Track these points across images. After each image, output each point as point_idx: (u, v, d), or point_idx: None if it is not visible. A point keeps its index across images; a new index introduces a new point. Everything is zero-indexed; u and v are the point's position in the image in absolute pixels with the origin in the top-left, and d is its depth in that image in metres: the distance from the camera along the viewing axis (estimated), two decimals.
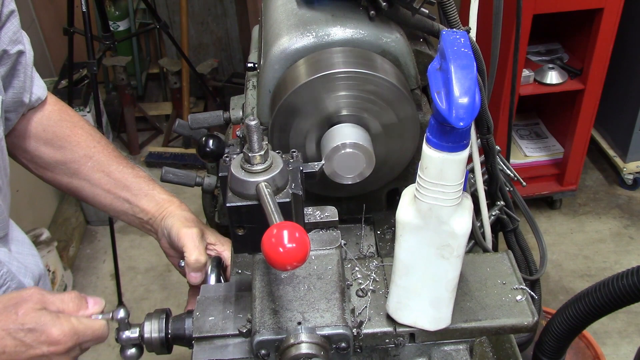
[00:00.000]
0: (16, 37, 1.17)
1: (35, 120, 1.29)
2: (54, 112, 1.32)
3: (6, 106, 1.18)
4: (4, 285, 1.16)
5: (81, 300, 1.02)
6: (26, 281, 1.23)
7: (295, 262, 0.72)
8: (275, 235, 0.72)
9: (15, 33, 1.16)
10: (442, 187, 0.80)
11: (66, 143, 1.30)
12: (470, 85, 0.71)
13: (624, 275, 1.14)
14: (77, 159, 1.30)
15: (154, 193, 1.30)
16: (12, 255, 1.22)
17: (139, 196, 1.30)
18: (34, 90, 1.26)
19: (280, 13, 1.21)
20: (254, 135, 0.85)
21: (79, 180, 1.31)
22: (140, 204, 1.29)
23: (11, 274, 1.18)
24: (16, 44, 1.17)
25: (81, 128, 1.32)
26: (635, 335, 2.91)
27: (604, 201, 3.68)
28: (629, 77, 3.41)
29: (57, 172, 1.31)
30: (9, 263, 1.19)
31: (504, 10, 1.25)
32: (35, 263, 1.29)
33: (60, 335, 0.95)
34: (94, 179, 1.30)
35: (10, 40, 1.15)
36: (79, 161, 1.30)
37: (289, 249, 0.72)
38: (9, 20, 1.15)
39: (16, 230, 1.29)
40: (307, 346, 0.86)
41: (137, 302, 3.24)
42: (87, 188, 1.32)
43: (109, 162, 1.31)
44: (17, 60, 1.19)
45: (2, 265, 1.16)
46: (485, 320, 0.97)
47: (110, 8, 3.95)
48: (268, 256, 0.73)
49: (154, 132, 4.37)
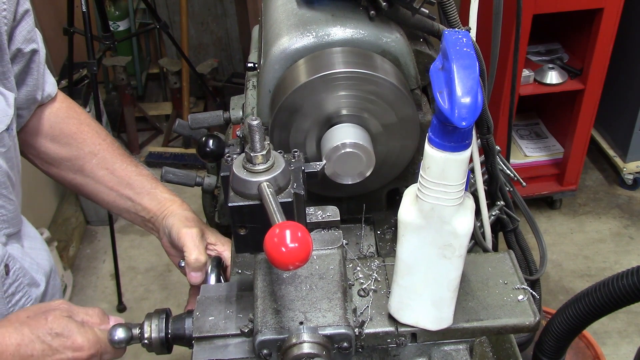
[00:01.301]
0: (30, 36, 1.17)
1: (43, 116, 1.30)
2: (62, 109, 1.33)
3: (19, 103, 1.19)
4: (17, 280, 1.17)
5: (104, 316, 1.08)
6: (38, 277, 1.24)
7: (297, 261, 0.72)
8: (277, 235, 0.72)
9: (30, 32, 1.17)
10: (444, 186, 0.80)
11: (72, 140, 1.31)
12: (472, 85, 0.72)
13: (624, 275, 1.14)
14: (82, 155, 1.31)
15: (156, 192, 1.30)
16: (25, 252, 1.24)
17: (142, 194, 1.30)
18: (46, 87, 1.27)
19: (280, 13, 1.21)
20: (256, 134, 0.85)
21: (83, 177, 1.32)
22: (143, 202, 1.30)
23: (24, 270, 1.20)
24: (30, 42, 1.17)
25: (87, 125, 1.33)
26: (635, 335, 2.91)
27: (604, 201, 3.68)
28: (629, 77, 3.41)
29: (62, 168, 1.33)
30: (21, 259, 1.20)
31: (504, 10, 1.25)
32: (46, 258, 1.32)
33: (85, 342, 1.00)
34: (98, 176, 1.31)
35: (25, 39, 1.15)
36: (83, 158, 1.31)
37: (291, 249, 0.72)
38: (24, 19, 1.15)
39: (28, 226, 1.31)
40: (309, 346, 0.86)
41: (137, 302, 3.24)
42: (90, 185, 1.32)
43: (113, 160, 1.32)
44: (31, 59, 1.20)
45: (15, 262, 1.17)
46: (487, 320, 0.97)
47: (110, 8, 3.95)
48: (270, 256, 0.73)
49: (154, 132, 4.37)
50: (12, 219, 1.19)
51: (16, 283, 1.17)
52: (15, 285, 1.17)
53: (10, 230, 1.20)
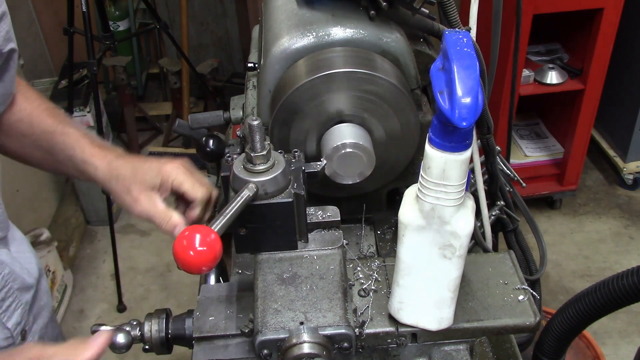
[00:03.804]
0: (9, 36, 1.16)
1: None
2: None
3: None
4: (6, 286, 1.16)
5: (82, 347, 0.96)
6: (29, 281, 1.23)
7: (204, 266, 0.78)
8: (186, 237, 0.78)
9: (8, 32, 1.16)
10: (445, 187, 0.80)
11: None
12: (473, 85, 0.72)
13: (624, 275, 1.14)
14: (10, 124, 1.23)
15: (75, 153, 1.19)
16: (13, 256, 1.22)
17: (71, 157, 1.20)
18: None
19: (281, 13, 1.21)
20: (256, 135, 0.85)
21: (17, 146, 1.25)
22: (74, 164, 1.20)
23: (14, 275, 1.18)
24: (9, 42, 1.17)
25: (18, 92, 1.25)
26: (635, 335, 2.91)
27: (604, 201, 3.68)
28: (629, 77, 3.41)
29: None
30: (11, 264, 1.19)
31: (503, 10, 1.25)
32: (34, 262, 1.30)
33: None
34: (26, 143, 1.23)
35: (4, 39, 1.15)
36: (12, 126, 1.23)
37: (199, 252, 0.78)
38: (2, 20, 1.15)
39: (13, 229, 1.30)
40: (310, 346, 0.86)
41: (137, 302, 3.24)
42: (28, 155, 1.26)
43: (39, 121, 1.23)
44: (10, 57, 1.19)
45: (4, 266, 1.16)
46: (487, 320, 0.97)
47: (110, 8, 3.95)
48: (179, 259, 0.78)
49: (154, 132, 4.36)
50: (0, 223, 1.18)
51: (5, 288, 1.15)
52: (4, 291, 1.15)
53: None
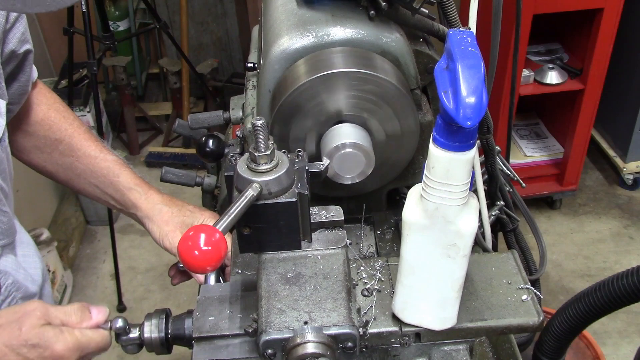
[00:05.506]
0: (24, 37, 1.18)
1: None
2: (31, 95, 1.31)
3: (11, 99, 1.18)
4: (10, 296, 1.16)
5: (84, 311, 1.00)
6: (32, 289, 1.23)
7: (209, 266, 0.78)
8: (191, 237, 0.78)
9: (24, 33, 1.17)
10: (449, 186, 0.80)
11: (39, 127, 1.30)
12: (477, 85, 0.72)
13: (624, 275, 1.14)
14: (49, 143, 1.31)
15: (119, 181, 1.31)
16: (19, 263, 1.22)
17: (106, 184, 1.31)
18: (33, 75, 1.27)
19: (280, 13, 1.21)
20: (260, 134, 0.85)
21: (52, 164, 1.32)
22: (108, 191, 1.31)
23: (17, 284, 1.18)
24: (24, 43, 1.18)
25: (55, 110, 1.33)
26: (635, 335, 2.91)
27: (604, 201, 3.68)
28: (629, 77, 3.41)
29: (32, 156, 1.33)
30: (15, 272, 1.19)
31: (503, 10, 1.25)
32: (39, 266, 1.30)
33: (64, 350, 0.93)
34: (65, 163, 1.31)
35: (19, 40, 1.16)
36: (50, 146, 1.31)
37: (204, 251, 0.77)
38: (18, 21, 1.15)
39: (21, 232, 1.30)
40: (314, 345, 0.86)
41: (137, 302, 3.24)
42: (60, 173, 1.33)
43: (79, 146, 1.32)
44: (25, 58, 1.20)
45: (8, 276, 1.16)
46: (491, 319, 0.97)
47: (110, 8, 3.95)
48: (183, 260, 0.78)
49: (154, 132, 4.36)
50: (6, 230, 1.18)
51: (9, 299, 1.15)
52: (7, 302, 1.15)
53: (5, 242, 1.18)
